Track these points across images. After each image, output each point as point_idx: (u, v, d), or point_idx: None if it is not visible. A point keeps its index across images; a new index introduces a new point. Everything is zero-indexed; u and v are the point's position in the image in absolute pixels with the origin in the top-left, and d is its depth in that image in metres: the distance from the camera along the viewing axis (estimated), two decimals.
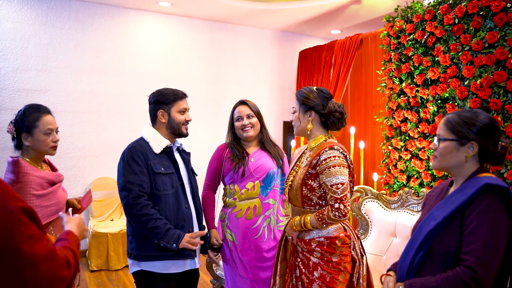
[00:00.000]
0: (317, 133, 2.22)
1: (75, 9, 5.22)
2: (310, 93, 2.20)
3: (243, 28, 6.43)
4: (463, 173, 1.67)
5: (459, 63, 3.77)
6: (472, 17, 3.65)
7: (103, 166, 5.32)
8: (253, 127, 2.71)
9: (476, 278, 1.46)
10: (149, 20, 5.71)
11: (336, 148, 2.09)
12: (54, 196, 2.12)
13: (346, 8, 5.49)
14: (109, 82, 5.43)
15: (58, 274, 1.22)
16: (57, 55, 5.13)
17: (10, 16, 4.87)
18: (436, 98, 4.00)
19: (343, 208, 2.01)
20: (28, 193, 2.00)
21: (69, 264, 1.27)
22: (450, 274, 1.52)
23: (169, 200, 2.31)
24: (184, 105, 2.45)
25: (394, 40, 4.44)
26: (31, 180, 2.03)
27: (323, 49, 6.13)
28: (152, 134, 2.41)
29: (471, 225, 1.52)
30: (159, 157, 2.35)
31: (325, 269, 2.06)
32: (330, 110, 2.19)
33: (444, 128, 1.69)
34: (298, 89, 2.27)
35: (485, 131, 1.62)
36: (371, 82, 5.44)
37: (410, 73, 4.28)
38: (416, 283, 1.60)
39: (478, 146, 1.62)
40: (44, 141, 2.15)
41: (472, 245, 1.49)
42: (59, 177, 2.22)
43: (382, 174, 4.65)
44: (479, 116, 1.65)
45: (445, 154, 1.67)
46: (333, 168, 2.03)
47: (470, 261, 1.48)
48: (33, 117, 2.13)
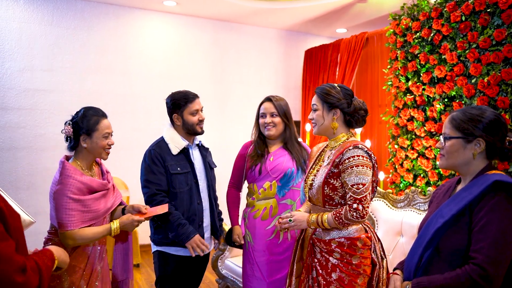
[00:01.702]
0: (339, 132, 2.14)
1: (81, 8, 5.23)
2: (333, 90, 2.11)
3: (248, 27, 6.41)
4: (471, 171, 1.65)
5: (466, 61, 3.74)
6: (479, 15, 3.61)
7: (109, 165, 5.32)
8: (275, 126, 2.66)
9: (486, 276, 1.44)
10: (154, 20, 5.72)
11: (361, 147, 2.02)
12: (93, 204, 2.15)
13: (352, 6, 5.46)
14: (114, 81, 5.44)
15: (12, 278, 1.22)
16: (63, 55, 5.14)
17: (16, 16, 4.89)
18: (443, 97, 3.96)
19: (362, 209, 1.95)
20: (65, 195, 2.05)
21: (24, 271, 1.27)
22: (459, 272, 1.50)
23: (183, 197, 2.58)
24: (196, 107, 2.66)
25: (400, 38, 4.41)
26: (71, 183, 2.08)
27: (329, 48, 6.11)
28: (171, 136, 2.65)
29: (480, 222, 1.50)
30: (177, 158, 2.61)
31: (344, 271, 1.99)
32: (355, 108, 2.11)
33: (450, 126, 1.67)
34: (318, 86, 2.18)
35: (491, 127, 1.59)
36: (377, 80, 5.42)
37: (417, 71, 4.25)
38: (424, 281, 1.58)
39: (485, 143, 1.60)
40: (102, 145, 2.21)
41: (482, 243, 1.47)
42: (104, 186, 2.24)
43: (388, 173, 4.63)
44: (485, 113, 1.62)
45: (452, 152, 1.65)
46: (356, 167, 1.96)
47: (480, 259, 1.46)
48: (93, 120, 2.19)
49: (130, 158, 5.16)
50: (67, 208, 2.04)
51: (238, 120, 6.20)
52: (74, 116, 2.22)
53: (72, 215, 2.05)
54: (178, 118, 2.65)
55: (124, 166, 5.17)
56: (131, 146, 5.33)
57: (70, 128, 2.18)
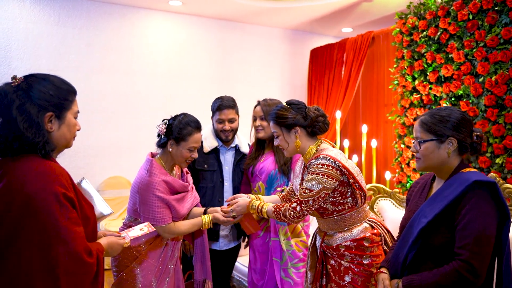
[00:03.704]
0: (306, 146, 2.12)
1: (87, 8, 5.24)
2: (285, 110, 2.10)
3: (253, 26, 6.40)
4: (446, 169, 1.75)
5: (474, 60, 3.71)
6: (487, 13, 3.58)
7: (114, 165, 5.33)
8: (264, 129, 2.76)
9: (472, 270, 1.55)
10: (159, 19, 5.72)
11: (325, 156, 1.98)
12: (176, 205, 2.24)
13: (358, 5, 5.44)
14: (119, 81, 5.45)
15: (82, 256, 1.37)
16: (69, 54, 5.15)
17: (22, 17, 4.91)
18: (450, 96, 3.94)
19: (299, 211, 1.99)
20: (151, 193, 2.15)
21: (91, 253, 1.41)
22: (447, 269, 1.60)
23: (206, 192, 2.79)
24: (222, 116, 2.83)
25: (407, 37, 4.38)
26: (156, 181, 2.17)
27: (335, 47, 6.09)
28: (207, 136, 2.88)
29: (463, 220, 1.60)
30: (207, 156, 2.84)
31: (356, 273, 2.00)
32: (312, 118, 2.09)
33: (421, 130, 1.76)
34: (270, 112, 2.17)
35: (460, 125, 1.70)
36: (383, 80, 5.39)
37: (423, 70, 4.22)
38: (415, 279, 1.66)
39: (457, 141, 1.71)
40: (184, 156, 2.26)
41: (466, 240, 1.57)
42: (185, 187, 2.33)
43: (394, 172, 4.60)
44: (452, 112, 1.73)
45: (427, 154, 1.74)
46: (314, 175, 1.96)
47: (466, 255, 1.56)
48: (186, 130, 2.24)
49: (134, 157, 5.14)
50: (155, 206, 2.15)
51: (243, 120, 6.20)
52: (173, 118, 2.28)
53: (161, 212, 2.16)
54: (212, 122, 2.92)
55: (128, 165, 5.17)
56: (135, 145, 5.33)
57: (164, 128, 2.24)
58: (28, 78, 1.48)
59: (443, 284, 1.59)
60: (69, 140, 1.58)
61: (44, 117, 1.45)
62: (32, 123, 1.41)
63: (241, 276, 3.52)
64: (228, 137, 2.86)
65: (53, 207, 1.33)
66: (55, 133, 1.50)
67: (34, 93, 1.44)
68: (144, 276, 2.17)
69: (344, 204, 2.03)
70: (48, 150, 1.44)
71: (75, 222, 1.38)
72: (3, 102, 1.42)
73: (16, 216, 1.32)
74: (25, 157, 1.41)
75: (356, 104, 6.05)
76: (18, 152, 1.41)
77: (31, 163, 1.39)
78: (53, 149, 1.48)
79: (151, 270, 2.19)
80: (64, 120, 1.53)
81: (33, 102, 1.43)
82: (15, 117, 1.40)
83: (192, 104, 5.44)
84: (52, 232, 1.32)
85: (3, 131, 1.41)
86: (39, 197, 1.33)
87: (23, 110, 1.41)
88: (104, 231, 1.86)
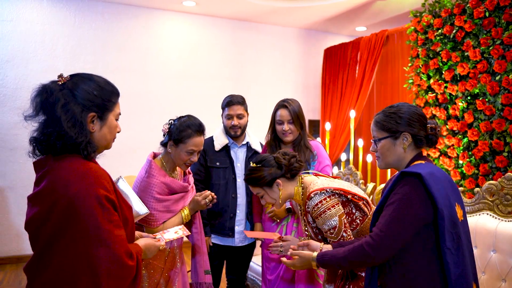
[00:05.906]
0: (292, 190, 2.08)
1: (101, 10, 5.31)
2: (258, 172, 2.05)
3: (267, 26, 6.40)
4: (404, 164, 1.78)
5: (490, 58, 3.66)
6: (504, 10, 3.53)
7: (127, 165, 5.38)
8: (292, 133, 2.76)
9: (373, 245, 1.61)
10: (173, 20, 5.76)
11: (318, 192, 1.95)
12: (173, 205, 2.24)
13: (372, 4, 5.40)
14: (133, 81, 5.50)
15: (124, 259, 1.37)
16: (85, 55, 5.23)
17: (39, 19, 5.00)
18: (466, 94, 3.88)
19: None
20: (149, 195, 2.16)
21: (132, 256, 1.41)
22: (356, 244, 1.68)
23: (219, 189, 2.83)
24: (230, 112, 2.89)
25: (422, 35, 4.34)
26: (154, 183, 2.18)
27: (349, 46, 6.05)
28: (217, 134, 2.94)
29: (386, 205, 1.67)
30: (219, 153, 2.89)
31: None
32: (286, 165, 2.05)
33: (376, 129, 1.80)
34: (246, 178, 2.12)
35: (411, 120, 1.73)
36: (398, 79, 5.35)
37: (438, 69, 4.17)
38: (328, 253, 1.77)
39: (411, 135, 1.73)
40: (182, 158, 2.23)
41: (381, 220, 1.65)
42: (184, 188, 2.31)
43: None
44: (402, 108, 1.76)
45: (384, 152, 1.78)
46: (323, 214, 1.92)
47: (374, 232, 1.64)
48: (186, 133, 2.20)
49: (146, 157, 5.20)
50: (151, 207, 2.14)
51: (257, 120, 6.20)
52: (177, 119, 2.27)
53: (155, 214, 2.15)
54: (221, 118, 2.98)
55: (141, 164, 5.20)
56: (149, 145, 5.35)
57: (166, 128, 2.25)
58: (74, 77, 1.47)
59: (349, 258, 1.68)
60: (109, 141, 1.56)
61: (87, 117, 1.44)
62: (76, 122, 1.39)
63: (255, 276, 3.52)
64: (237, 132, 2.89)
65: (95, 211, 1.33)
66: (97, 134, 1.48)
67: (79, 93, 1.43)
68: (152, 279, 2.16)
69: (355, 219, 2.03)
70: (90, 151, 1.43)
71: (117, 225, 1.38)
72: (49, 100, 1.41)
73: (60, 217, 1.33)
74: (68, 157, 1.40)
75: (370, 104, 6.01)
76: (61, 151, 1.39)
77: (74, 164, 1.39)
78: (95, 150, 1.47)
79: (157, 270, 2.18)
80: (106, 121, 1.51)
81: (78, 102, 1.42)
82: (59, 116, 1.38)
83: (205, 104, 5.46)
84: (94, 235, 1.32)
85: (46, 129, 1.39)
86: (82, 199, 1.33)
87: (68, 109, 1.39)
88: (140, 232, 1.87)
